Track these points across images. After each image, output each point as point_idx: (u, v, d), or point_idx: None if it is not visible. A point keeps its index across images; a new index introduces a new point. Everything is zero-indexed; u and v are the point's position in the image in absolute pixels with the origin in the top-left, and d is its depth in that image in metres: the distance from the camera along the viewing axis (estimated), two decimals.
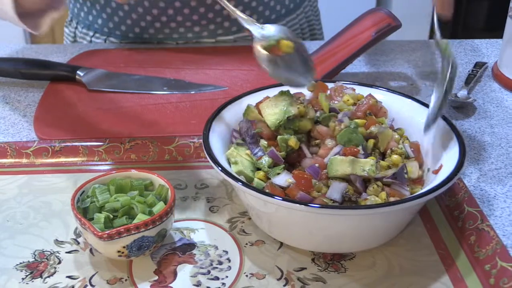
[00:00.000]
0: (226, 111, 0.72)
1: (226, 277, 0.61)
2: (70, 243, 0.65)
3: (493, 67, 1.02)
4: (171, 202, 0.61)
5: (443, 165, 0.64)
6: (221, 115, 0.71)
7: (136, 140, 0.79)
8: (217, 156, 0.64)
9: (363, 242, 0.62)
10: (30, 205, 0.71)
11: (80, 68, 0.96)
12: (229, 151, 0.67)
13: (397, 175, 0.62)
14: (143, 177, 0.66)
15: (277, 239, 0.64)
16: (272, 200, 0.58)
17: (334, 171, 0.62)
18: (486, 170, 0.77)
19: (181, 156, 0.78)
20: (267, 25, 0.72)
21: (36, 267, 0.62)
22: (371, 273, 0.61)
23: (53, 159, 0.78)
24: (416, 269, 0.62)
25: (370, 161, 0.62)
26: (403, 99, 0.74)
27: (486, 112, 0.90)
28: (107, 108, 0.90)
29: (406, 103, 0.73)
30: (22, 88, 0.96)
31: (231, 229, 0.67)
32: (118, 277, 0.61)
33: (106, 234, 0.57)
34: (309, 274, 0.61)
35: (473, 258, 0.63)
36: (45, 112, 0.88)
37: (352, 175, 0.61)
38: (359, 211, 0.57)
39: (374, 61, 1.06)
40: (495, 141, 0.83)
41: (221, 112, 0.72)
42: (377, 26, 0.93)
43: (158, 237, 0.61)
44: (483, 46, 1.13)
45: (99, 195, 0.63)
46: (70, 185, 0.73)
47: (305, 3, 1.22)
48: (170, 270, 0.61)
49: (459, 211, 0.68)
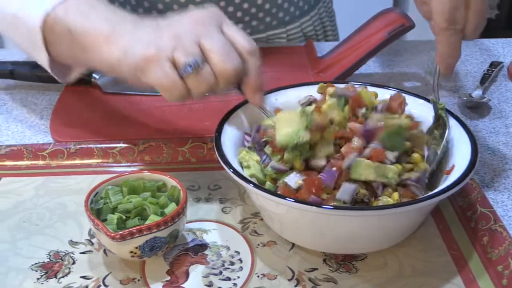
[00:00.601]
0: (239, 112, 0.73)
1: (238, 277, 0.61)
2: (84, 243, 0.66)
3: (509, 67, 1.01)
4: (183, 203, 0.62)
5: (455, 165, 0.64)
6: (233, 116, 0.72)
7: (150, 142, 0.80)
8: (229, 158, 0.64)
9: (375, 243, 0.62)
10: (46, 206, 0.72)
11: (95, 71, 0.97)
12: (241, 155, 0.67)
13: (420, 179, 0.62)
14: (156, 178, 0.67)
15: (289, 240, 0.65)
16: (283, 201, 0.58)
17: (358, 174, 0.60)
18: (500, 170, 0.76)
19: (194, 157, 0.79)
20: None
21: (51, 268, 0.63)
22: (382, 273, 0.61)
23: (68, 161, 0.79)
24: (428, 270, 0.62)
25: (394, 169, 0.61)
26: (415, 100, 0.73)
27: (501, 112, 0.90)
28: (122, 110, 0.90)
29: (419, 104, 0.73)
30: (39, 91, 0.98)
31: (243, 230, 0.67)
32: (131, 277, 0.61)
33: (118, 235, 0.58)
34: (320, 275, 0.61)
35: (486, 259, 0.62)
36: (61, 115, 0.89)
37: (375, 183, 0.61)
38: (369, 212, 0.57)
39: (388, 62, 1.06)
40: (510, 141, 0.82)
41: (234, 114, 0.72)
42: (390, 26, 0.92)
43: (170, 237, 0.61)
44: (499, 45, 1.12)
45: (112, 196, 0.63)
46: (85, 187, 0.74)
47: (320, 4, 1.22)
48: (183, 271, 0.62)
49: (472, 211, 0.68)
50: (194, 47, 0.63)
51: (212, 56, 0.63)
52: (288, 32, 1.16)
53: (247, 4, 1.08)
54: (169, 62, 0.63)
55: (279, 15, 1.13)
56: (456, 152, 0.65)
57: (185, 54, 0.63)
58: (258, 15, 1.11)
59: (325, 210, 0.57)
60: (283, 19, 1.14)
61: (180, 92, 0.64)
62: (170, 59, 0.63)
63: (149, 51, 0.63)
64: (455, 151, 0.66)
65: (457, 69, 1.03)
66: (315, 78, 0.97)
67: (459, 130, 0.67)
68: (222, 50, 0.64)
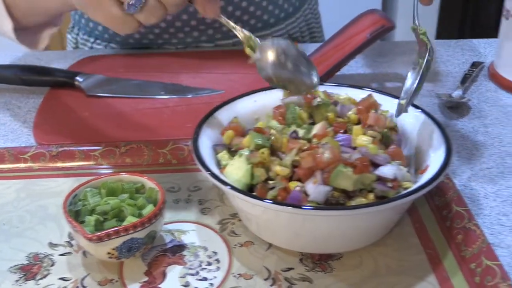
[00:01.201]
0: (217, 114, 0.73)
1: (215, 277, 0.62)
2: (64, 245, 0.67)
3: (489, 67, 1.02)
4: (160, 205, 0.62)
5: (429, 165, 0.64)
6: (212, 118, 0.73)
7: (131, 144, 0.80)
8: (206, 160, 0.65)
9: (350, 242, 0.63)
10: (27, 209, 0.72)
11: (79, 74, 0.97)
12: (221, 153, 0.68)
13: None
14: (134, 180, 0.67)
15: (266, 240, 0.65)
16: (260, 203, 0.59)
17: (336, 184, 0.60)
18: (478, 169, 0.77)
19: (175, 159, 0.80)
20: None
21: (29, 270, 0.63)
22: (358, 273, 0.62)
23: (50, 164, 0.79)
24: (402, 269, 0.62)
25: (372, 177, 0.61)
26: (392, 100, 0.74)
27: (480, 112, 0.91)
28: (105, 113, 0.91)
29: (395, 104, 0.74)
30: (23, 94, 0.98)
31: (222, 230, 0.68)
32: (109, 278, 0.62)
33: (95, 236, 0.59)
34: (296, 274, 0.62)
35: (460, 257, 0.63)
36: (44, 118, 0.90)
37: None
38: (341, 212, 0.58)
39: (371, 62, 1.07)
40: (488, 141, 0.83)
41: (213, 115, 0.73)
42: (371, 27, 0.93)
43: (148, 238, 0.62)
44: (481, 45, 1.13)
45: (90, 198, 0.64)
46: (66, 189, 0.75)
47: (305, 6, 1.23)
48: (160, 271, 0.63)
49: (448, 210, 0.68)
50: None
51: None
52: (273, 34, 1.17)
53: (232, 7, 1.09)
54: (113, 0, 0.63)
55: (264, 17, 1.14)
56: (431, 152, 0.66)
57: None
58: (243, 18, 1.12)
59: (299, 211, 0.57)
60: (268, 22, 1.15)
61: (129, 27, 0.65)
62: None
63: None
64: (430, 151, 0.66)
65: (439, 69, 1.04)
66: None
67: (435, 130, 0.68)
68: None
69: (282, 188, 0.61)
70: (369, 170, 0.61)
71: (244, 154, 0.64)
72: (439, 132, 0.67)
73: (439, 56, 1.10)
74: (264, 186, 0.62)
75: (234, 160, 0.65)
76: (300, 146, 0.63)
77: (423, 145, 0.68)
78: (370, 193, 0.61)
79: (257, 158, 0.63)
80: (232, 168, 0.64)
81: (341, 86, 0.78)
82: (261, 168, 0.63)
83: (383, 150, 0.65)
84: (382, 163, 0.62)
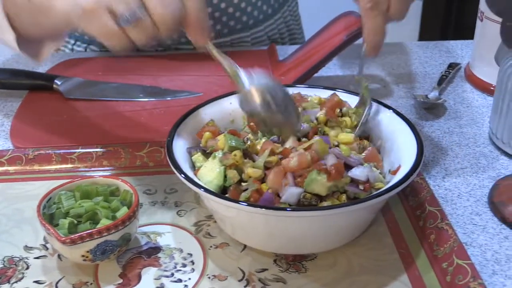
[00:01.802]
0: (193, 116, 0.74)
1: (189, 279, 0.62)
2: (39, 248, 0.67)
3: (465, 68, 1.03)
4: (134, 207, 0.62)
5: (402, 165, 0.65)
6: (188, 120, 0.73)
7: (108, 147, 0.80)
8: (180, 162, 0.65)
9: (324, 243, 0.64)
10: (3, 212, 0.72)
11: (57, 77, 0.97)
12: (196, 155, 0.68)
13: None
14: (109, 183, 0.67)
15: (240, 241, 0.66)
16: (233, 205, 0.59)
17: (311, 189, 0.60)
18: (452, 169, 0.78)
19: (152, 161, 0.80)
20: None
21: (4, 273, 0.63)
22: (331, 273, 0.63)
23: (27, 167, 0.79)
24: (375, 268, 0.63)
25: (346, 181, 0.62)
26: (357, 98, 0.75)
27: (456, 113, 0.92)
28: (83, 116, 0.91)
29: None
30: (1, 97, 0.98)
31: (197, 232, 0.68)
32: (83, 281, 0.62)
33: (68, 239, 0.59)
34: (270, 275, 0.62)
35: (432, 257, 0.64)
36: (22, 122, 0.90)
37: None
38: (314, 213, 0.58)
39: (349, 64, 1.08)
40: (463, 141, 0.84)
41: (188, 118, 0.73)
42: (348, 29, 0.94)
43: (122, 241, 0.62)
44: (458, 47, 1.14)
45: (64, 201, 0.64)
46: (42, 192, 0.73)
47: (284, 8, 1.23)
48: (135, 274, 0.63)
49: (421, 210, 0.69)
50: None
51: (149, 5, 0.63)
52: (253, 36, 1.18)
53: (211, 8, 1.10)
54: (108, 13, 0.63)
55: (243, 18, 1.15)
56: (403, 153, 0.67)
57: (123, 5, 0.62)
58: (222, 19, 1.12)
59: (271, 212, 0.58)
60: (247, 23, 1.16)
61: (121, 43, 0.64)
62: (109, 10, 0.63)
63: (88, 2, 0.63)
64: (402, 151, 0.67)
65: (416, 70, 1.05)
66: None
67: (407, 131, 0.69)
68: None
69: (255, 190, 0.61)
70: (343, 175, 0.61)
71: (218, 156, 0.64)
72: (411, 132, 0.68)
73: (417, 57, 1.11)
74: (237, 187, 0.63)
75: (207, 162, 0.65)
76: (272, 148, 0.64)
77: (396, 146, 0.69)
78: (343, 194, 0.62)
79: (230, 160, 0.63)
80: (206, 170, 0.64)
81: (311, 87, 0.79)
82: (233, 170, 0.63)
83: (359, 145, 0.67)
84: (354, 165, 0.63)
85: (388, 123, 0.72)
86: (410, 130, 0.68)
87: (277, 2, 1.20)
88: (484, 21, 0.94)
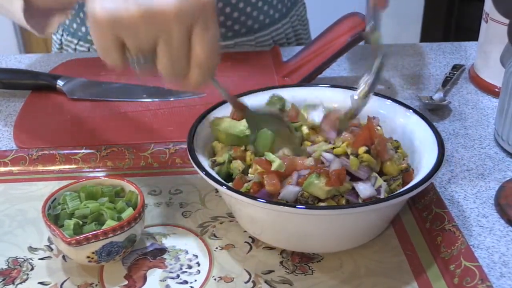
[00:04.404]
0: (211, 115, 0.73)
1: (195, 280, 0.62)
2: (43, 249, 0.66)
3: (470, 69, 1.03)
4: (140, 208, 0.62)
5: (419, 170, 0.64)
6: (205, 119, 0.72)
7: (112, 147, 0.80)
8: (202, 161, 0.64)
9: (330, 244, 0.63)
10: (6, 213, 0.72)
11: (60, 77, 0.97)
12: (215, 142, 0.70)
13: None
14: (114, 183, 0.67)
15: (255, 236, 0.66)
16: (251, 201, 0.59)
17: (309, 191, 0.60)
18: (458, 171, 0.78)
19: (156, 162, 0.79)
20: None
21: (9, 274, 0.63)
22: (337, 275, 0.62)
23: (30, 168, 0.79)
24: (382, 271, 0.63)
25: (347, 186, 0.61)
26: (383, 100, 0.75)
27: (461, 114, 0.91)
28: (86, 116, 0.91)
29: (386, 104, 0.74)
30: (4, 97, 0.97)
31: (202, 233, 0.68)
32: (88, 282, 0.62)
33: (74, 240, 0.58)
34: (276, 277, 0.62)
35: (439, 259, 0.63)
36: (25, 121, 0.90)
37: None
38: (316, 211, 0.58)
39: (354, 65, 1.07)
40: (468, 143, 0.84)
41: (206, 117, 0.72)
42: (352, 30, 0.94)
43: (128, 242, 0.62)
44: (462, 48, 1.14)
45: (69, 202, 0.64)
46: (46, 193, 0.74)
47: (292, 12, 1.22)
48: (140, 275, 0.62)
49: (428, 212, 0.69)
50: (147, 43, 0.59)
51: (158, 60, 0.60)
52: (257, 40, 1.17)
53: (230, 8, 1.09)
54: (116, 40, 0.58)
55: (248, 23, 1.14)
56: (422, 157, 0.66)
57: (134, 45, 0.59)
58: (227, 23, 1.12)
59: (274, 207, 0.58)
60: (252, 27, 1.15)
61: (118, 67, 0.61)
62: (119, 39, 0.58)
63: (102, 14, 0.56)
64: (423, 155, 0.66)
65: (420, 72, 1.05)
66: (280, 82, 0.98)
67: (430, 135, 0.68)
68: (169, 58, 0.60)
69: (257, 182, 0.61)
70: (343, 182, 0.60)
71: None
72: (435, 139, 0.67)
73: (421, 59, 1.10)
74: (242, 177, 0.63)
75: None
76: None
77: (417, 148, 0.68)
78: (343, 198, 0.61)
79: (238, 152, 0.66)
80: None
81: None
82: (238, 161, 0.65)
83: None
84: (362, 178, 0.62)
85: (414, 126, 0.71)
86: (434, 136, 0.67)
87: (285, 7, 1.19)
88: (489, 22, 0.93)
